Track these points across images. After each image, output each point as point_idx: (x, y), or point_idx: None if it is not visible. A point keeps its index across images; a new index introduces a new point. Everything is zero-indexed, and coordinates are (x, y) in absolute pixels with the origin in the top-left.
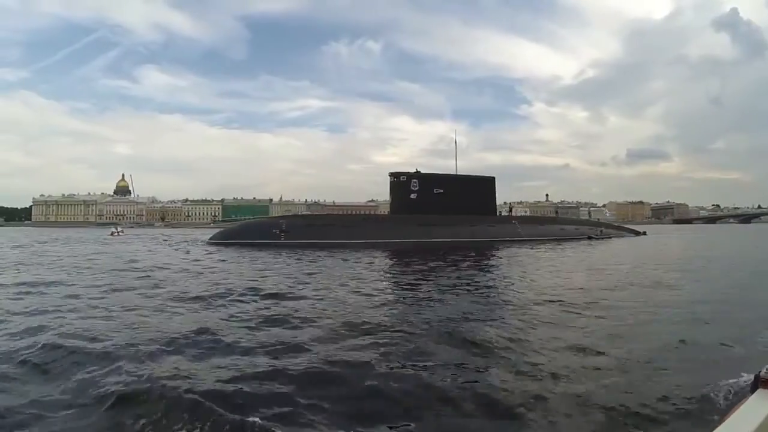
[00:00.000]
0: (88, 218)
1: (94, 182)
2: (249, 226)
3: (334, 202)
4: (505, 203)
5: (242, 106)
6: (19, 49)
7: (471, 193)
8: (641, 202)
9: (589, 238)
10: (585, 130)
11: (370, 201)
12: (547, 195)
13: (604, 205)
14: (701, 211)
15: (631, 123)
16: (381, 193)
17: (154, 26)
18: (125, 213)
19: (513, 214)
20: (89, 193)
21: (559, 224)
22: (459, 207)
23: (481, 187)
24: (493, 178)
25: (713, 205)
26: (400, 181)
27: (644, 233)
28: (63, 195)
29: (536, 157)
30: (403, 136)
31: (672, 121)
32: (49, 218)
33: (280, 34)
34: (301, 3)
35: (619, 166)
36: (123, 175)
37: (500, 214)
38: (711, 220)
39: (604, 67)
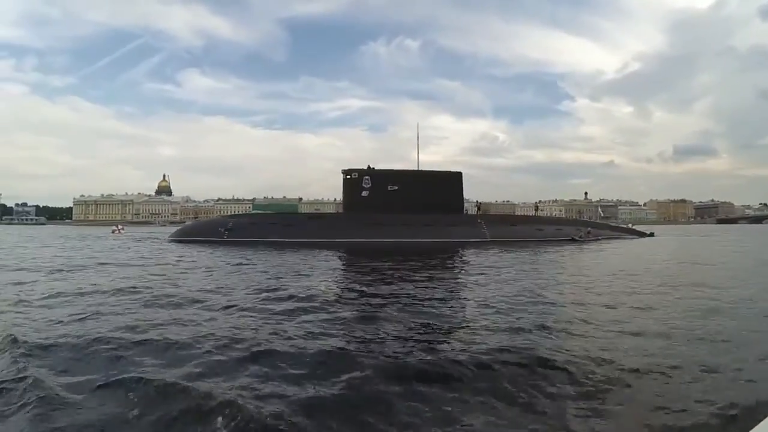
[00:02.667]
0: (125, 217)
1: (140, 182)
2: (201, 225)
3: None
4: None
5: (284, 107)
6: (66, 57)
7: (432, 191)
8: (683, 201)
9: (572, 240)
10: (630, 125)
11: None
12: (586, 193)
13: (644, 204)
14: (746, 211)
15: (677, 118)
16: None
17: (196, 31)
18: (160, 212)
19: (482, 212)
20: (126, 194)
21: (536, 224)
22: (417, 205)
23: (445, 183)
24: (460, 173)
25: (761, 204)
26: (351, 179)
27: (651, 234)
28: (102, 195)
29: (580, 155)
30: (445, 135)
31: (720, 116)
32: (88, 217)
33: (320, 35)
34: (339, 4)
35: (666, 163)
36: (164, 176)
37: (466, 212)
38: (757, 219)
39: (648, 61)
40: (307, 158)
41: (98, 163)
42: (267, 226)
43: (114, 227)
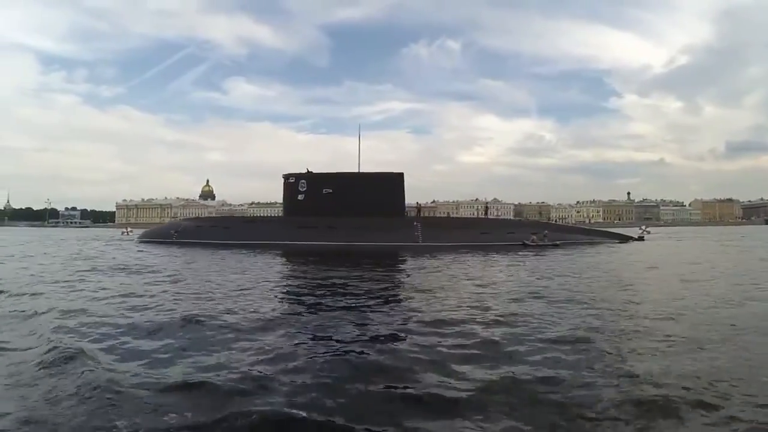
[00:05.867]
0: (164, 220)
1: (189, 187)
2: (158, 229)
3: None
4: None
5: (328, 112)
6: (115, 68)
7: (369, 193)
8: (730, 200)
9: (524, 245)
10: (680, 122)
11: (431, 202)
12: (628, 193)
13: (689, 204)
14: None
15: (728, 113)
16: (462, 193)
17: (239, 40)
18: (197, 215)
19: (422, 215)
20: (165, 198)
21: (481, 228)
22: (352, 208)
23: (384, 185)
24: (401, 174)
25: None
26: (289, 183)
27: (641, 238)
28: (143, 200)
29: (629, 153)
30: (489, 135)
31: None
32: (129, 220)
33: (361, 39)
34: (378, 8)
35: (718, 160)
36: (207, 181)
37: (407, 215)
38: None
39: (695, 53)
40: (352, 161)
41: (148, 169)
42: (208, 229)
43: (123, 229)
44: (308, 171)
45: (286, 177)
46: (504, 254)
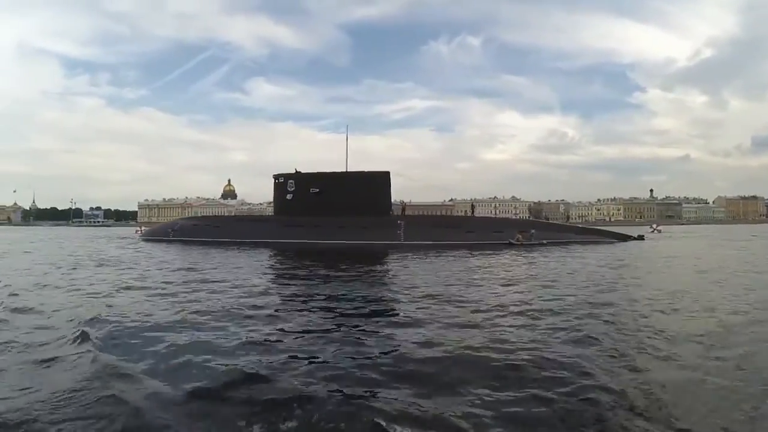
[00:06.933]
0: None
1: (212, 186)
2: (158, 227)
3: (410, 201)
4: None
5: (349, 111)
6: (138, 71)
7: (355, 192)
8: (754, 197)
9: (510, 243)
10: (705, 116)
11: (449, 201)
12: (651, 191)
13: (713, 202)
14: None
15: (755, 106)
16: (483, 191)
17: (260, 41)
18: (216, 214)
19: (406, 213)
20: (185, 198)
21: (467, 227)
22: (338, 207)
23: (370, 184)
24: (387, 173)
25: None
26: (279, 183)
27: (640, 238)
28: (164, 199)
29: (653, 149)
30: (512, 132)
31: None
32: (151, 219)
33: (380, 37)
34: (397, 5)
35: (745, 156)
36: (229, 180)
37: (392, 214)
38: None
39: (720, 46)
40: (375, 160)
41: (172, 169)
42: (202, 228)
43: (137, 228)
44: (296, 171)
45: (276, 177)
46: (480, 253)
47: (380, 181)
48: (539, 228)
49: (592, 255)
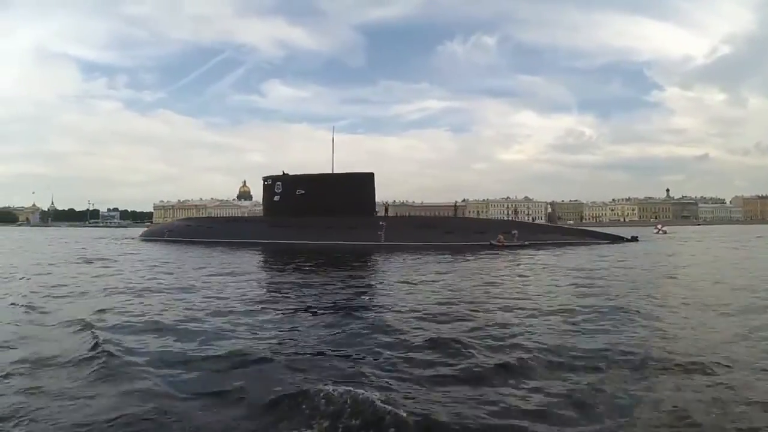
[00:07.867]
0: None
1: (229, 187)
2: (155, 228)
3: (422, 202)
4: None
5: (365, 112)
6: (155, 74)
7: (339, 194)
8: None
9: (491, 245)
10: (724, 115)
11: (461, 201)
12: (667, 190)
13: (730, 201)
14: None
15: None
16: (500, 191)
17: (275, 43)
18: (230, 215)
19: (389, 214)
20: (200, 198)
21: (446, 228)
22: (323, 208)
23: (354, 186)
24: (371, 174)
25: None
26: (267, 185)
27: (634, 239)
28: (179, 200)
29: (672, 148)
30: (528, 132)
31: None
32: (166, 220)
33: (395, 38)
34: (412, 6)
35: (764, 154)
36: (244, 182)
37: (377, 214)
38: None
39: (738, 43)
40: (392, 161)
41: (189, 170)
42: (195, 228)
43: (145, 228)
44: (284, 173)
45: (265, 179)
46: (453, 258)
47: (364, 182)
48: (523, 229)
49: (568, 258)
